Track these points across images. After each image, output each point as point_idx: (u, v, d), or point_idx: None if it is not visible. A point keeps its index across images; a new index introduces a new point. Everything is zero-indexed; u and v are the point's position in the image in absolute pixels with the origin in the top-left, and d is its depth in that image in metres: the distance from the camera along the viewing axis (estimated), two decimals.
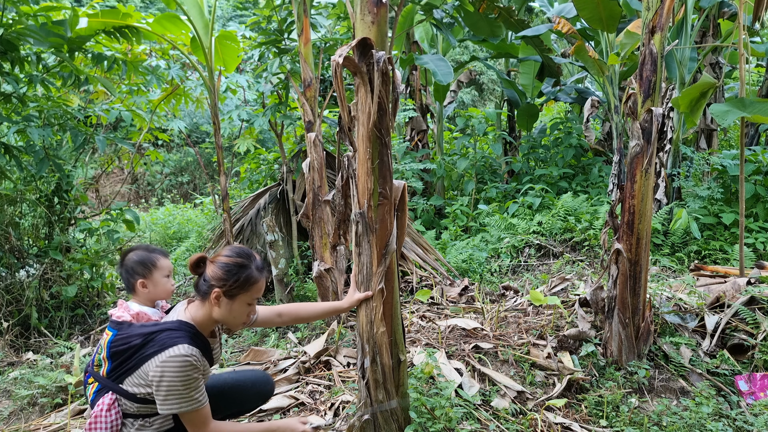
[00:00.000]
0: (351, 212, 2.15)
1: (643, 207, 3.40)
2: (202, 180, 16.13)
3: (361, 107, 1.98)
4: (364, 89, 1.95)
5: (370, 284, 2.15)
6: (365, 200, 2.06)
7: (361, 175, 2.05)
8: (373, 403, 2.13)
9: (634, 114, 3.40)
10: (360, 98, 1.98)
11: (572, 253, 6.31)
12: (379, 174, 2.04)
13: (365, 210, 2.08)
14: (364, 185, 2.06)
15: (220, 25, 18.01)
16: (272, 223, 5.54)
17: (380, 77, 1.92)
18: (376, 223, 2.10)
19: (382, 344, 2.13)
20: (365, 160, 2.01)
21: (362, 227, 2.10)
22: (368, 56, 1.91)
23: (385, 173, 2.06)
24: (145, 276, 2.32)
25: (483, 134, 9.51)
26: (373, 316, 2.13)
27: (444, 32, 6.93)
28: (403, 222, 2.27)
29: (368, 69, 1.93)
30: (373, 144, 1.99)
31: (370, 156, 2.00)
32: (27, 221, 5.63)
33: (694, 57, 7.00)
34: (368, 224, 2.09)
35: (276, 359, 4.11)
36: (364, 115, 1.97)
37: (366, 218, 2.08)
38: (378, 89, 1.93)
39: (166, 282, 2.38)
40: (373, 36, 1.92)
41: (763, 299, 3.84)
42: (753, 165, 6.37)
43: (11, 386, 4.02)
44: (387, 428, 2.15)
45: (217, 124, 5.54)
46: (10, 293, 5.09)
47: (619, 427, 3.02)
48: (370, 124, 1.96)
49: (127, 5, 5.24)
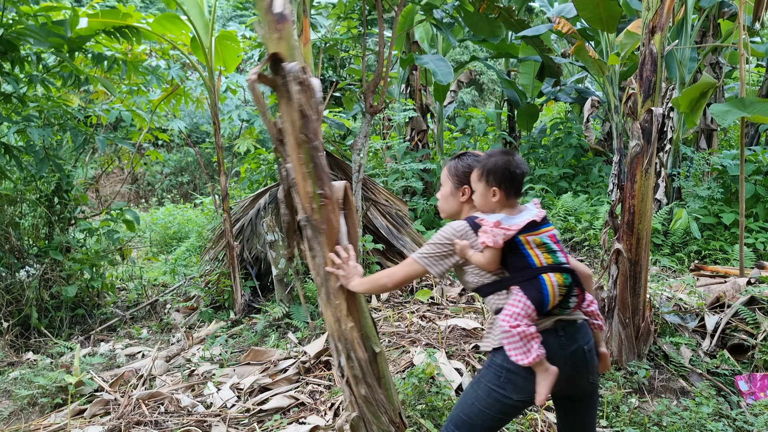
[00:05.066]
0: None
1: (643, 207, 3.40)
2: (202, 180, 16.13)
3: (285, 117, 2.09)
4: (285, 100, 2.07)
5: (328, 284, 2.19)
6: (308, 204, 2.17)
7: (299, 181, 2.16)
8: (358, 399, 2.13)
9: (634, 114, 3.40)
10: (283, 110, 2.09)
11: (572, 253, 6.30)
12: (316, 177, 2.15)
13: (310, 213, 2.18)
14: (304, 190, 2.16)
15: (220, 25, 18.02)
16: (272, 223, 5.54)
17: (297, 85, 2.05)
18: (323, 224, 2.20)
19: (353, 340, 2.18)
20: (300, 166, 2.13)
21: (310, 230, 2.20)
22: (281, 70, 2.05)
23: (321, 175, 2.17)
24: None
25: (483, 134, 9.52)
26: (339, 313, 2.19)
27: (444, 32, 6.93)
28: (352, 220, 2.35)
29: (284, 81, 2.05)
30: (304, 149, 2.11)
31: (303, 161, 2.12)
32: (27, 221, 5.63)
33: (694, 57, 7.00)
34: (315, 226, 2.18)
35: (276, 359, 4.11)
36: (289, 124, 2.08)
37: (312, 221, 2.18)
38: (297, 97, 2.05)
39: None
40: (282, 50, 2.05)
41: (763, 299, 3.84)
42: (753, 165, 6.37)
43: (11, 386, 4.02)
44: (377, 423, 2.15)
45: (217, 124, 5.54)
46: (10, 293, 5.08)
47: (619, 427, 3.02)
48: (297, 131, 2.07)
49: (127, 5, 5.24)
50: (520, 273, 1.93)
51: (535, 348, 1.85)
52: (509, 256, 1.95)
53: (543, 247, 1.95)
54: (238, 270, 5.52)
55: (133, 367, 4.30)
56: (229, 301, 5.61)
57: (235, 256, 5.46)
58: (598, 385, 2.12)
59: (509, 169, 2.00)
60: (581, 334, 1.98)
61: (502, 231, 1.91)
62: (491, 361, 2.00)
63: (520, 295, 1.90)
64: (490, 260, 1.96)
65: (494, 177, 2.00)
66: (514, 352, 1.88)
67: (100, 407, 3.61)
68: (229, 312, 5.48)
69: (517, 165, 2.01)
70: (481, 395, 1.97)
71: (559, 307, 1.93)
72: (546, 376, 1.87)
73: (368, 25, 6.09)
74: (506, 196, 2.02)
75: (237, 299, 5.43)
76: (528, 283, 1.91)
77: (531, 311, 1.87)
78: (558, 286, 1.90)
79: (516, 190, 2.03)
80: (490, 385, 1.96)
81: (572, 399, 2.10)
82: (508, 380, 1.93)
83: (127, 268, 6.92)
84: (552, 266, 1.93)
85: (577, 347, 1.94)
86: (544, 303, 1.88)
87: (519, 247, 1.93)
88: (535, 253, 1.93)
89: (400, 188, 8.01)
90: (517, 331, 1.85)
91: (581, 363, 1.95)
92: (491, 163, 2.02)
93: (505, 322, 1.88)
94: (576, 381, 1.98)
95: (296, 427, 3.13)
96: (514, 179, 2.01)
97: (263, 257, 5.95)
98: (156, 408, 3.49)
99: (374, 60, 9.31)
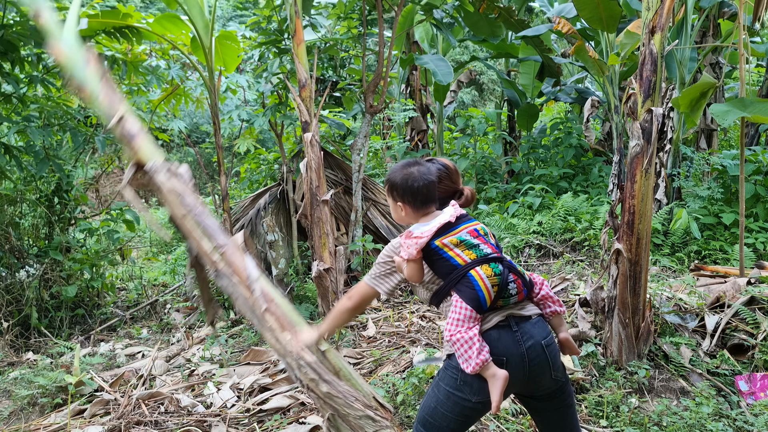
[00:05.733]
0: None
1: (643, 207, 3.40)
2: (202, 180, 16.12)
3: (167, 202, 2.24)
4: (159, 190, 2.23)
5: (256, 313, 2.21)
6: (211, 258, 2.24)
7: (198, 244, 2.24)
8: (324, 399, 2.15)
9: (634, 114, 3.40)
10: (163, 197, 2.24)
11: (572, 253, 6.31)
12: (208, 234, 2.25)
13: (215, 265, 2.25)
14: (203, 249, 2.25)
15: (220, 25, 18.01)
16: (272, 223, 5.54)
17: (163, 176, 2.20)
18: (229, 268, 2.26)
19: (297, 349, 2.18)
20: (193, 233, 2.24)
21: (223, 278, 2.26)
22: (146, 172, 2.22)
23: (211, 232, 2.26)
24: None
25: (483, 134, 9.52)
26: (275, 333, 2.22)
27: (444, 32, 6.93)
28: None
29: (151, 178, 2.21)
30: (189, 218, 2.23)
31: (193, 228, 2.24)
32: (27, 221, 5.63)
33: (694, 57, 7.00)
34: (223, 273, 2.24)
35: (276, 359, 4.11)
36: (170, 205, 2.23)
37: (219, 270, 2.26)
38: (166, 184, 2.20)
39: None
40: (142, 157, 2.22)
41: (763, 299, 3.84)
42: (753, 165, 6.37)
43: (11, 386, 4.02)
44: (352, 411, 2.16)
45: (217, 124, 5.54)
46: (10, 293, 5.08)
47: (619, 427, 3.02)
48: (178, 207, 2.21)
49: (127, 5, 5.24)
50: (449, 277, 1.91)
51: (475, 355, 1.81)
52: (434, 264, 1.95)
53: (462, 244, 1.92)
54: None
55: (133, 367, 4.30)
56: (229, 300, 5.61)
57: None
58: (566, 383, 2.03)
59: (407, 182, 1.98)
60: (537, 329, 1.94)
61: (414, 241, 1.91)
62: (447, 364, 1.98)
63: (455, 299, 1.89)
64: (412, 272, 1.95)
65: (396, 192, 2.01)
66: (460, 359, 1.86)
67: (100, 407, 3.61)
68: (229, 312, 5.48)
69: (415, 178, 1.98)
70: (441, 398, 1.96)
71: (501, 298, 1.90)
72: (494, 382, 1.82)
73: (368, 25, 6.09)
74: (413, 208, 2.01)
75: None
76: (460, 284, 1.88)
77: (470, 312, 1.85)
78: (488, 277, 1.86)
79: (422, 200, 2.00)
80: (448, 389, 1.95)
81: (538, 399, 2.03)
82: (464, 382, 1.90)
83: (127, 268, 6.92)
84: (477, 260, 1.90)
85: (533, 343, 1.89)
86: (481, 299, 1.85)
87: (438, 252, 1.92)
88: (455, 253, 1.91)
89: None
90: (456, 339, 1.84)
91: (540, 359, 1.89)
92: (392, 178, 2.03)
93: (447, 330, 1.88)
94: (537, 379, 1.93)
95: (296, 427, 3.13)
96: (417, 192, 1.98)
97: (263, 257, 5.95)
98: (156, 408, 3.49)
99: (374, 60, 9.30)
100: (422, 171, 2.00)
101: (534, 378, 1.92)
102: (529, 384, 1.94)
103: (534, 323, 1.95)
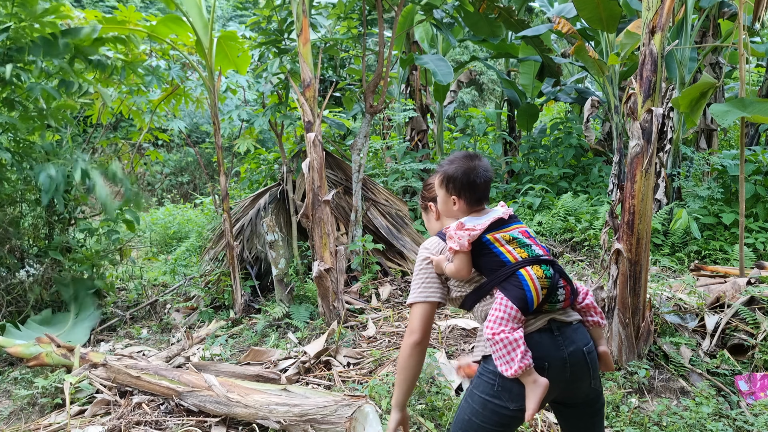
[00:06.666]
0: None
1: (643, 207, 3.40)
2: (202, 180, 16.12)
3: None
4: None
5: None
6: None
7: None
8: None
9: (634, 114, 3.40)
10: None
11: (572, 253, 6.31)
12: None
13: None
14: None
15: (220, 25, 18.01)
16: (272, 223, 5.54)
17: None
18: None
19: None
20: None
21: None
22: None
23: None
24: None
25: (483, 134, 9.52)
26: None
27: (444, 32, 6.93)
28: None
29: None
30: None
31: None
32: (27, 221, 5.63)
33: (694, 57, 7.00)
34: None
35: (276, 359, 4.11)
36: None
37: None
38: None
39: None
40: None
41: (763, 299, 3.84)
42: (753, 165, 6.37)
43: (11, 386, 4.02)
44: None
45: (217, 124, 5.54)
46: (10, 293, 5.09)
47: (619, 427, 3.02)
48: None
49: (128, 5, 5.24)
50: (496, 274, 1.81)
51: (519, 358, 1.70)
52: (481, 259, 1.83)
53: (514, 242, 1.83)
54: (238, 270, 5.52)
55: None
56: (229, 300, 5.61)
57: (235, 256, 5.47)
58: (601, 393, 1.94)
59: (470, 177, 1.88)
60: (579, 335, 1.84)
61: (467, 232, 1.80)
62: (483, 369, 1.87)
63: (501, 297, 1.78)
64: (461, 266, 1.83)
65: (454, 185, 1.90)
66: (499, 361, 1.74)
67: (101, 407, 3.60)
68: (229, 312, 5.49)
69: (478, 173, 1.88)
70: (476, 408, 1.84)
71: (548, 303, 1.80)
72: (534, 389, 1.71)
73: (368, 25, 6.09)
74: (468, 204, 1.91)
75: (237, 299, 5.44)
76: (507, 283, 1.78)
77: (515, 312, 1.74)
78: (539, 279, 1.76)
79: (478, 198, 1.91)
80: (484, 396, 1.83)
81: (572, 406, 1.93)
82: (502, 388, 1.78)
83: (127, 268, 6.91)
84: (528, 260, 1.80)
85: (575, 348, 1.80)
86: (528, 300, 1.75)
87: (488, 246, 1.81)
88: (506, 250, 1.81)
89: (400, 188, 8.01)
90: (499, 338, 1.72)
91: (582, 365, 1.80)
92: (452, 170, 1.91)
93: (488, 328, 1.76)
94: (576, 386, 1.84)
95: None
96: (476, 188, 1.89)
97: (263, 257, 5.95)
98: (156, 408, 3.49)
99: (374, 60, 9.31)
100: (484, 167, 1.91)
101: (573, 384, 1.83)
102: (567, 391, 1.85)
103: (575, 329, 1.85)
